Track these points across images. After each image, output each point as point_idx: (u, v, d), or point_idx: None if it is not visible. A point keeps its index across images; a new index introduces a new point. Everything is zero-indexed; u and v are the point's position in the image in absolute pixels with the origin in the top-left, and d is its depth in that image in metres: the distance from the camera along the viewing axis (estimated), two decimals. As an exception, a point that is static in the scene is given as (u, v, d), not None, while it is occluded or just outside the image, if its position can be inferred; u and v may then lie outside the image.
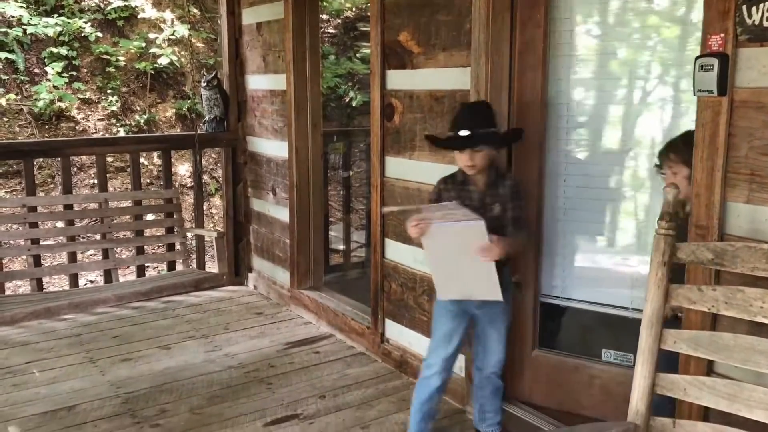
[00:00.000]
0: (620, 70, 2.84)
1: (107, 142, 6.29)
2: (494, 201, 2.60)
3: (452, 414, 3.09)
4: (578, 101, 2.95)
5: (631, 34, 2.80)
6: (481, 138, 2.52)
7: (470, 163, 2.55)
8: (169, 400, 3.23)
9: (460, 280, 2.55)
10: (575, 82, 2.94)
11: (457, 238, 2.45)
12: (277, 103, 4.58)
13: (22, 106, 8.30)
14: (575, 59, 2.89)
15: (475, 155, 2.54)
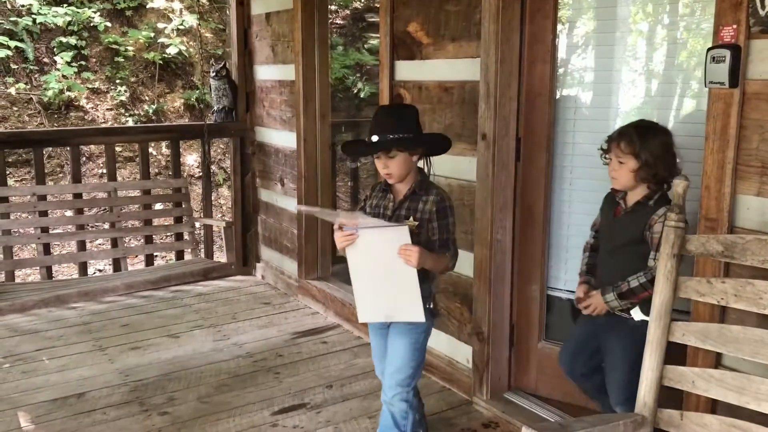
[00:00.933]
0: (632, 63, 2.82)
1: (116, 132, 6.29)
2: (408, 215, 2.36)
3: (458, 405, 3.10)
4: (587, 94, 2.94)
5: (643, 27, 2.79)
6: (388, 143, 2.30)
7: (385, 171, 2.35)
8: (178, 388, 3.25)
9: (382, 296, 2.34)
10: (585, 74, 2.93)
11: (381, 245, 2.25)
12: (285, 93, 4.58)
13: (32, 96, 8.33)
14: (585, 51, 2.88)
15: (390, 162, 2.33)
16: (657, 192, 2.26)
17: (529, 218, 2.98)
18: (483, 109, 2.89)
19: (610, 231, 2.38)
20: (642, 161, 2.20)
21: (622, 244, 2.31)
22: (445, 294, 3.25)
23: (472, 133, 2.99)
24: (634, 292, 2.22)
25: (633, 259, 2.26)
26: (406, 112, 2.47)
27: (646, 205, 2.25)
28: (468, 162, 3.02)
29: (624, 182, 2.27)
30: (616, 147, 2.25)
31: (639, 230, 2.24)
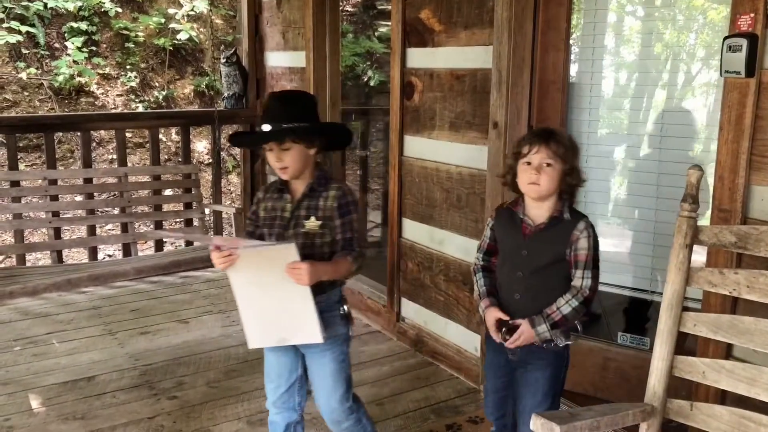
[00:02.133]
0: (648, 51, 2.80)
1: (127, 117, 6.31)
2: (309, 214, 2.15)
3: (466, 393, 3.10)
4: (602, 82, 2.92)
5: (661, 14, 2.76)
6: (281, 133, 2.07)
7: (279, 165, 2.11)
8: (187, 373, 3.27)
9: (273, 320, 2.11)
10: (600, 62, 2.91)
11: (267, 265, 2.02)
12: (296, 80, 4.57)
13: (43, 81, 8.35)
14: (601, 39, 2.85)
15: (284, 155, 2.08)
16: (566, 204, 2.02)
17: (539, 207, 2.96)
18: (495, 97, 2.87)
19: (521, 253, 2.05)
20: (569, 166, 1.98)
21: (544, 265, 2.02)
22: (454, 283, 3.24)
23: (483, 122, 2.98)
24: (568, 319, 1.99)
25: (555, 282, 2.02)
26: (303, 100, 2.23)
27: (562, 220, 2.00)
28: (479, 150, 3.00)
29: (547, 188, 1.98)
30: (545, 147, 1.97)
31: (561, 249, 2.00)
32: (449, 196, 3.22)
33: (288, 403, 2.27)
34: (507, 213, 2.12)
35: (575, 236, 1.98)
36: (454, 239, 3.22)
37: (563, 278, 2.01)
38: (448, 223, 3.24)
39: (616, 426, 1.68)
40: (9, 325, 3.82)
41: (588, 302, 1.99)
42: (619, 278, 2.89)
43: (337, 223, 2.14)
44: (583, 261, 1.98)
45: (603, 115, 2.90)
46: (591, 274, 1.99)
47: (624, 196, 2.95)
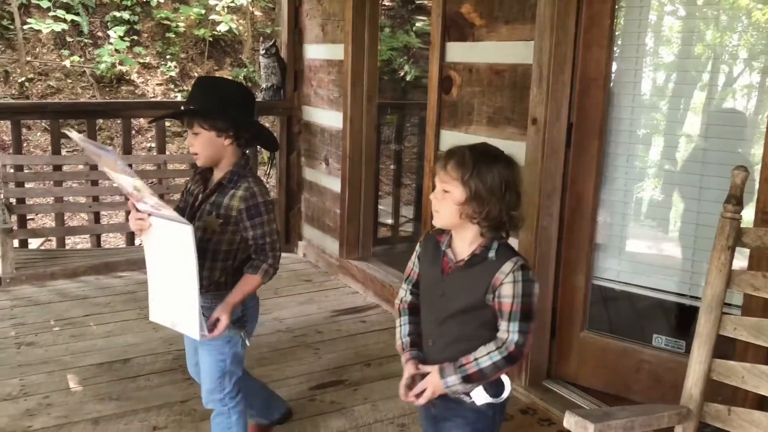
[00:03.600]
0: (690, 50, 2.75)
1: (167, 106, 6.39)
2: (212, 210, 2.08)
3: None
4: (646, 81, 2.87)
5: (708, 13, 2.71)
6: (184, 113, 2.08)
7: (191, 150, 2.11)
8: (219, 359, 3.31)
9: (168, 298, 2.03)
10: (644, 60, 2.86)
11: (167, 239, 1.92)
12: (333, 73, 4.59)
13: (85, 68, 8.52)
14: (645, 37, 2.81)
15: (194, 139, 2.07)
16: (494, 240, 1.70)
17: (577, 206, 2.93)
18: (535, 93, 2.85)
19: (437, 293, 1.77)
20: (470, 192, 1.64)
21: (457, 311, 1.73)
22: (487, 279, 3.23)
23: (522, 118, 2.95)
24: (485, 375, 1.67)
25: (472, 331, 1.72)
26: (227, 87, 2.16)
27: (485, 259, 1.68)
28: (517, 147, 2.98)
29: (445, 218, 1.70)
30: (442, 169, 1.68)
31: (480, 293, 1.68)
32: (485, 192, 3.20)
33: None
34: (432, 241, 1.82)
35: (498, 280, 1.66)
36: (488, 235, 3.20)
37: (485, 327, 1.70)
38: (483, 219, 3.22)
39: (650, 427, 1.66)
40: (48, 306, 3.91)
41: (513, 360, 1.66)
42: (656, 281, 2.85)
43: (247, 225, 2.07)
44: (507, 312, 1.65)
45: (644, 114, 2.86)
46: (518, 327, 1.64)
47: (663, 197, 2.90)
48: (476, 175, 1.63)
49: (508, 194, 1.66)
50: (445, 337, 1.76)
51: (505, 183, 1.65)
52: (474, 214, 1.66)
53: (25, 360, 3.21)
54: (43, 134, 7.73)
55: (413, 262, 1.89)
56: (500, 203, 1.65)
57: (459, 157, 1.66)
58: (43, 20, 8.26)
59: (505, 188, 1.65)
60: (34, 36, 8.48)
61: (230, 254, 2.13)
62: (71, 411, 2.77)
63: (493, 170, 1.65)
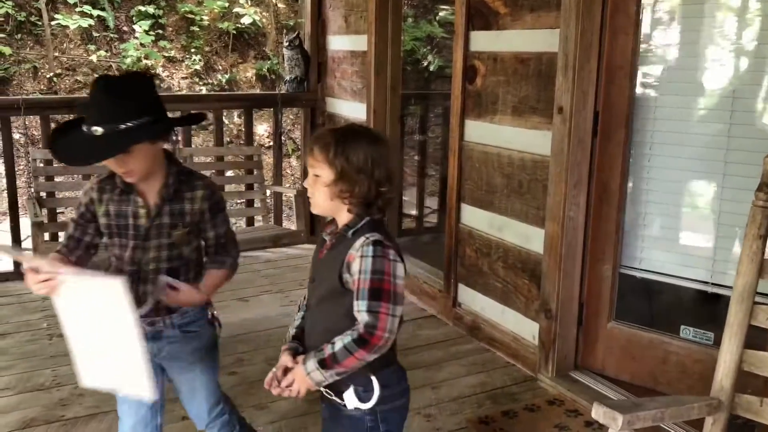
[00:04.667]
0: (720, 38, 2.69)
1: (192, 99, 6.45)
2: (176, 223, 1.83)
3: (523, 380, 3.08)
4: (674, 69, 2.83)
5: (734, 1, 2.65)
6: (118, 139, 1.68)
7: (123, 170, 1.75)
8: (246, 350, 3.34)
9: (103, 362, 1.74)
10: (672, 47, 2.81)
11: (92, 298, 1.66)
12: (357, 64, 4.58)
13: (111, 63, 8.61)
14: (672, 23, 2.76)
15: (127, 158, 1.72)
16: (362, 219, 1.61)
17: (604, 195, 2.90)
18: (560, 81, 2.82)
19: (313, 281, 1.73)
20: (337, 171, 1.58)
21: (322, 296, 1.65)
22: (513, 270, 3.22)
23: (548, 107, 2.93)
24: (337, 359, 1.52)
25: (338, 319, 1.59)
26: (137, 85, 1.80)
27: (345, 238, 1.61)
28: (542, 136, 2.96)
29: (320, 203, 1.63)
30: (310, 154, 1.63)
31: (335, 274, 1.59)
32: (510, 182, 3.18)
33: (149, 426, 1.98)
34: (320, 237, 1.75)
35: (350, 257, 1.57)
36: (514, 226, 3.19)
37: (350, 317, 1.56)
38: (509, 210, 3.21)
39: (680, 418, 1.65)
40: (79, 297, 3.97)
41: (364, 343, 1.50)
42: (683, 270, 2.81)
43: (209, 225, 1.88)
44: (356, 289, 1.54)
45: (670, 102, 2.81)
46: (367, 306, 1.51)
47: (687, 185, 2.85)
48: (341, 154, 1.58)
49: (377, 171, 1.59)
50: (315, 328, 1.66)
51: (372, 159, 1.59)
52: (343, 194, 1.59)
53: (58, 351, 3.26)
54: (71, 129, 7.83)
55: None
56: (368, 180, 1.59)
57: (323, 139, 1.62)
58: (70, 16, 8.37)
59: (372, 165, 1.59)
60: (62, 32, 8.59)
61: (199, 262, 1.94)
62: (102, 401, 2.81)
63: (357, 148, 1.60)
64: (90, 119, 1.69)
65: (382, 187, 1.61)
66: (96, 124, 1.67)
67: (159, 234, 1.81)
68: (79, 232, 1.87)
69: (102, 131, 1.67)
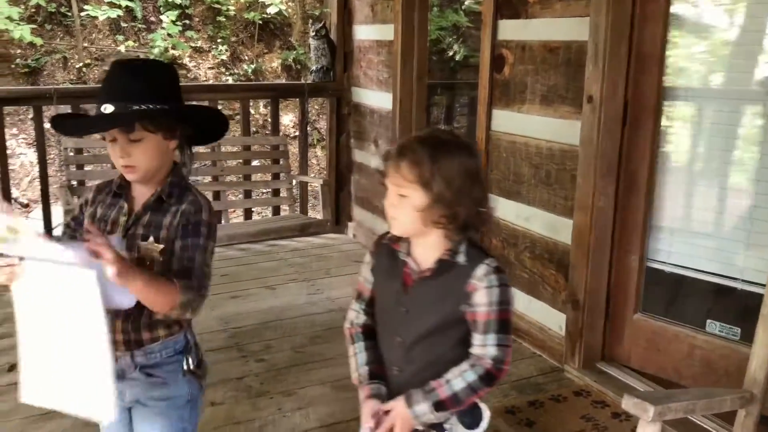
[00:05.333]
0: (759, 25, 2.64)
1: (220, 89, 6.50)
2: (148, 234, 1.57)
3: (549, 371, 3.07)
4: (705, 56, 2.78)
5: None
6: (129, 116, 1.50)
7: (124, 162, 1.54)
8: (274, 337, 3.38)
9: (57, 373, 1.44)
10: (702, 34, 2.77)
11: (55, 290, 1.38)
12: (383, 53, 4.57)
13: (139, 53, 8.69)
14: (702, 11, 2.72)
15: (133, 148, 1.53)
16: (462, 242, 1.46)
17: (632, 186, 2.88)
18: (590, 70, 2.79)
19: (400, 311, 1.50)
20: (433, 195, 1.39)
21: (429, 330, 1.47)
22: (540, 260, 3.20)
23: (577, 96, 2.90)
24: (459, 399, 1.43)
25: (448, 352, 1.47)
26: (159, 72, 1.62)
27: (454, 264, 1.45)
28: (571, 125, 2.93)
29: (405, 226, 1.45)
30: (395, 171, 1.41)
31: (452, 305, 1.45)
32: (538, 172, 3.17)
33: None
34: (387, 250, 1.54)
35: (472, 287, 1.43)
36: (541, 216, 3.17)
37: (463, 344, 1.46)
38: (536, 200, 3.19)
39: (711, 411, 1.64)
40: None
41: (491, 379, 1.43)
42: (711, 264, 2.77)
43: (178, 245, 1.54)
44: (483, 322, 1.42)
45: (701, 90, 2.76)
46: (496, 339, 1.42)
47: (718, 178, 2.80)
48: (437, 174, 1.37)
49: (475, 189, 1.42)
50: (414, 363, 1.48)
51: (470, 176, 1.41)
52: (440, 218, 1.41)
53: None
54: (100, 118, 7.93)
55: (364, 277, 1.60)
56: (468, 202, 1.41)
57: (413, 155, 1.39)
58: (99, 7, 8.45)
59: (471, 183, 1.41)
60: (91, 22, 8.68)
61: None
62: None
63: (453, 164, 1.39)
64: (102, 98, 1.52)
65: (481, 207, 1.43)
66: (107, 102, 1.51)
67: (130, 246, 1.56)
68: (66, 237, 1.66)
69: (113, 109, 1.50)
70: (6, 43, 8.21)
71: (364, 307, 1.60)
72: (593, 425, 2.63)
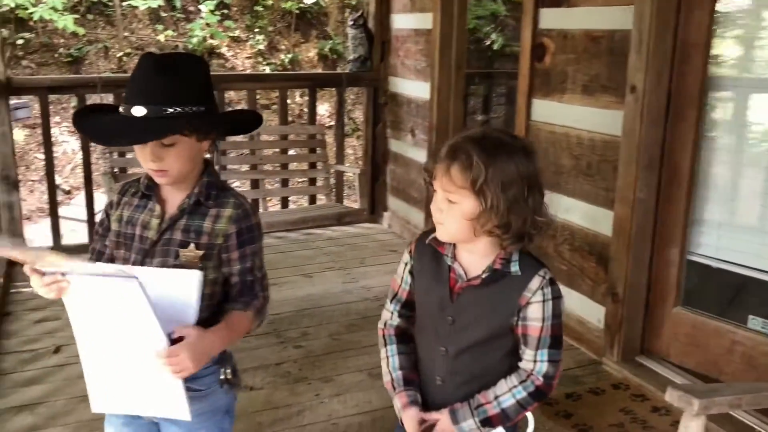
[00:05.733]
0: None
1: (258, 78, 6.56)
2: (187, 241, 1.47)
3: (587, 364, 3.05)
4: (750, 45, 2.72)
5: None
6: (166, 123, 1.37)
7: (157, 166, 1.42)
8: (311, 324, 3.41)
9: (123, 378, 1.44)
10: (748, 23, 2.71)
11: (107, 301, 1.36)
12: (421, 42, 4.56)
13: (178, 43, 8.81)
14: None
15: (165, 152, 1.41)
16: (516, 250, 1.37)
17: (674, 177, 2.83)
18: (634, 60, 2.75)
19: (446, 319, 1.42)
20: (486, 203, 1.28)
21: (477, 341, 1.41)
22: (580, 252, 3.17)
23: (619, 86, 2.86)
24: (508, 416, 1.39)
25: (496, 364, 1.41)
26: (194, 68, 1.47)
27: (507, 274, 1.37)
28: (613, 115, 2.89)
29: (452, 233, 1.36)
30: (445, 174, 1.31)
31: (504, 317, 1.38)
32: (578, 163, 3.13)
33: None
34: (430, 251, 1.44)
35: (525, 299, 1.36)
36: (581, 208, 3.14)
37: (511, 356, 1.41)
38: (576, 191, 3.16)
39: (758, 406, 1.61)
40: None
41: (541, 396, 1.38)
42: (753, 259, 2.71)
43: (234, 256, 1.48)
44: (535, 337, 1.36)
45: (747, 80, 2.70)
46: (548, 355, 1.36)
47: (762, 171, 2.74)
48: (492, 180, 1.26)
49: (533, 197, 1.30)
50: (460, 375, 1.42)
51: (527, 182, 1.30)
52: (492, 228, 1.31)
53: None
54: (140, 107, 8.07)
55: (401, 278, 1.52)
56: (524, 210, 1.30)
57: (465, 158, 1.28)
58: (139, -3, 8.58)
59: (528, 190, 1.30)
60: (131, 12, 8.82)
61: (213, 298, 1.50)
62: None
63: (510, 169, 1.28)
64: (131, 98, 1.40)
65: (540, 216, 1.32)
66: (138, 104, 1.38)
67: (165, 252, 1.46)
68: (99, 243, 1.57)
69: (145, 112, 1.37)
70: (50, 32, 8.39)
71: (399, 309, 1.52)
72: (632, 419, 2.61)
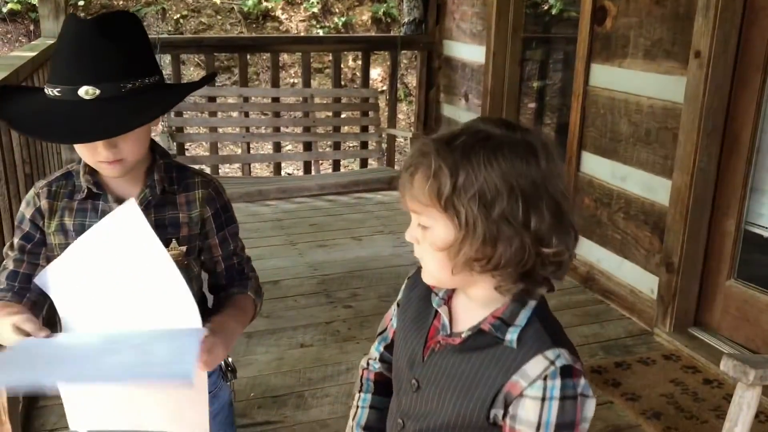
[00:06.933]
0: None
1: (312, 41, 6.56)
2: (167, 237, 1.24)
3: (639, 334, 3.02)
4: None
5: None
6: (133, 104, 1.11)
7: (112, 156, 1.15)
8: (360, 285, 3.46)
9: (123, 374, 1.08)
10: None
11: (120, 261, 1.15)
12: (477, 5, 4.48)
13: (233, 5, 8.86)
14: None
15: (123, 137, 1.13)
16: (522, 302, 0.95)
17: (734, 146, 2.74)
18: (700, 23, 2.65)
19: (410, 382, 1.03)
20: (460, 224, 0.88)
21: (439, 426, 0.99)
22: (635, 221, 3.12)
23: (683, 50, 2.77)
24: None
25: None
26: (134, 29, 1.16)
27: (499, 343, 0.94)
28: (675, 82, 2.81)
29: (434, 274, 0.96)
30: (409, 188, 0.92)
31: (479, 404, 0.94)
32: (637, 130, 3.06)
33: None
34: (423, 287, 1.05)
35: (517, 388, 0.91)
36: (638, 176, 3.08)
37: None
38: (633, 159, 3.09)
39: (815, 379, 1.57)
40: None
41: None
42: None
43: (215, 242, 1.31)
44: None
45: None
46: None
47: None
48: (462, 190, 0.86)
49: (535, 216, 0.87)
50: None
51: (528, 193, 0.87)
52: (476, 262, 0.89)
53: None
54: (195, 69, 8.18)
55: (393, 310, 1.16)
56: (521, 234, 0.87)
57: (428, 162, 0.88)
58: (196, -42, 8.65)
59: (527, 204, 0.87)
60: (188, -26, 8.90)
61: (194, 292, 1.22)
62: (228, 324, 2.99)
63: (494, 173, 0.86)
64: (73, 75, 1.09)
65: (546, 246, 0.88)
66: (86, 83, 1.08)
67: None
68: (26, 265, 1.24)
69: (98, 93, 1.08)
70: (110, -6, 8.54)
71: (383, 351, 1.20)
72: (682, 390, 2.58)
